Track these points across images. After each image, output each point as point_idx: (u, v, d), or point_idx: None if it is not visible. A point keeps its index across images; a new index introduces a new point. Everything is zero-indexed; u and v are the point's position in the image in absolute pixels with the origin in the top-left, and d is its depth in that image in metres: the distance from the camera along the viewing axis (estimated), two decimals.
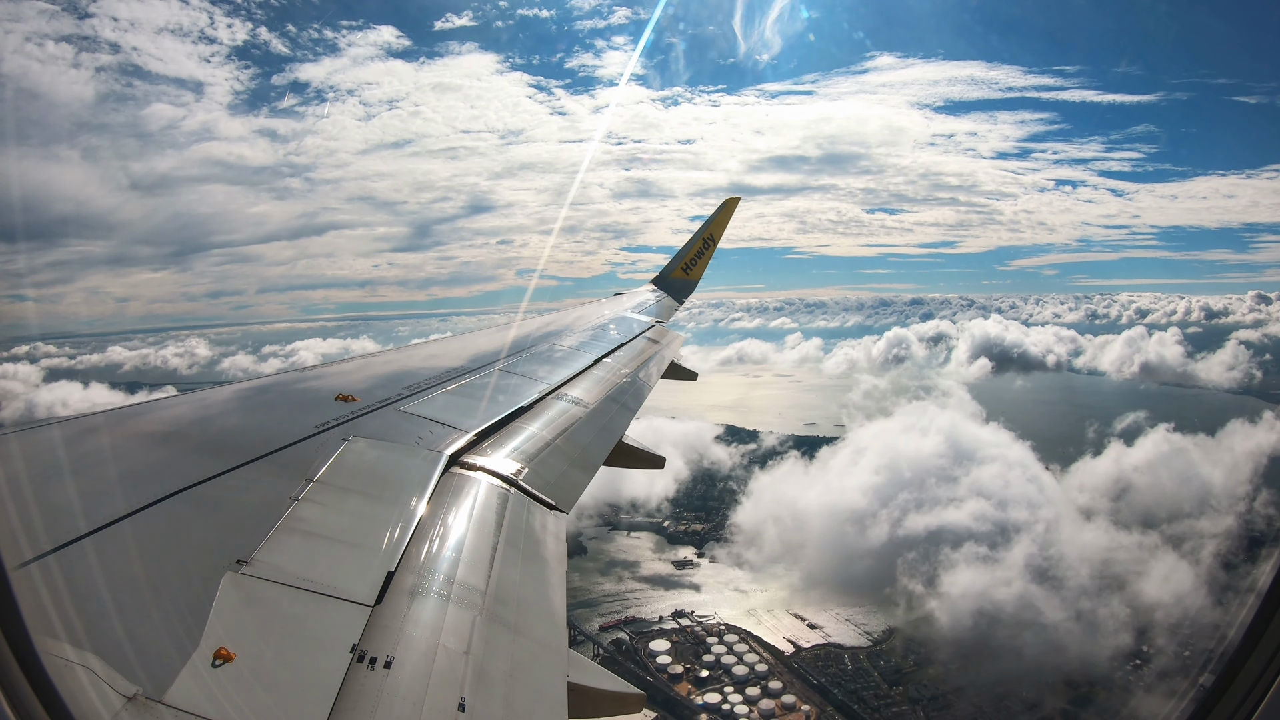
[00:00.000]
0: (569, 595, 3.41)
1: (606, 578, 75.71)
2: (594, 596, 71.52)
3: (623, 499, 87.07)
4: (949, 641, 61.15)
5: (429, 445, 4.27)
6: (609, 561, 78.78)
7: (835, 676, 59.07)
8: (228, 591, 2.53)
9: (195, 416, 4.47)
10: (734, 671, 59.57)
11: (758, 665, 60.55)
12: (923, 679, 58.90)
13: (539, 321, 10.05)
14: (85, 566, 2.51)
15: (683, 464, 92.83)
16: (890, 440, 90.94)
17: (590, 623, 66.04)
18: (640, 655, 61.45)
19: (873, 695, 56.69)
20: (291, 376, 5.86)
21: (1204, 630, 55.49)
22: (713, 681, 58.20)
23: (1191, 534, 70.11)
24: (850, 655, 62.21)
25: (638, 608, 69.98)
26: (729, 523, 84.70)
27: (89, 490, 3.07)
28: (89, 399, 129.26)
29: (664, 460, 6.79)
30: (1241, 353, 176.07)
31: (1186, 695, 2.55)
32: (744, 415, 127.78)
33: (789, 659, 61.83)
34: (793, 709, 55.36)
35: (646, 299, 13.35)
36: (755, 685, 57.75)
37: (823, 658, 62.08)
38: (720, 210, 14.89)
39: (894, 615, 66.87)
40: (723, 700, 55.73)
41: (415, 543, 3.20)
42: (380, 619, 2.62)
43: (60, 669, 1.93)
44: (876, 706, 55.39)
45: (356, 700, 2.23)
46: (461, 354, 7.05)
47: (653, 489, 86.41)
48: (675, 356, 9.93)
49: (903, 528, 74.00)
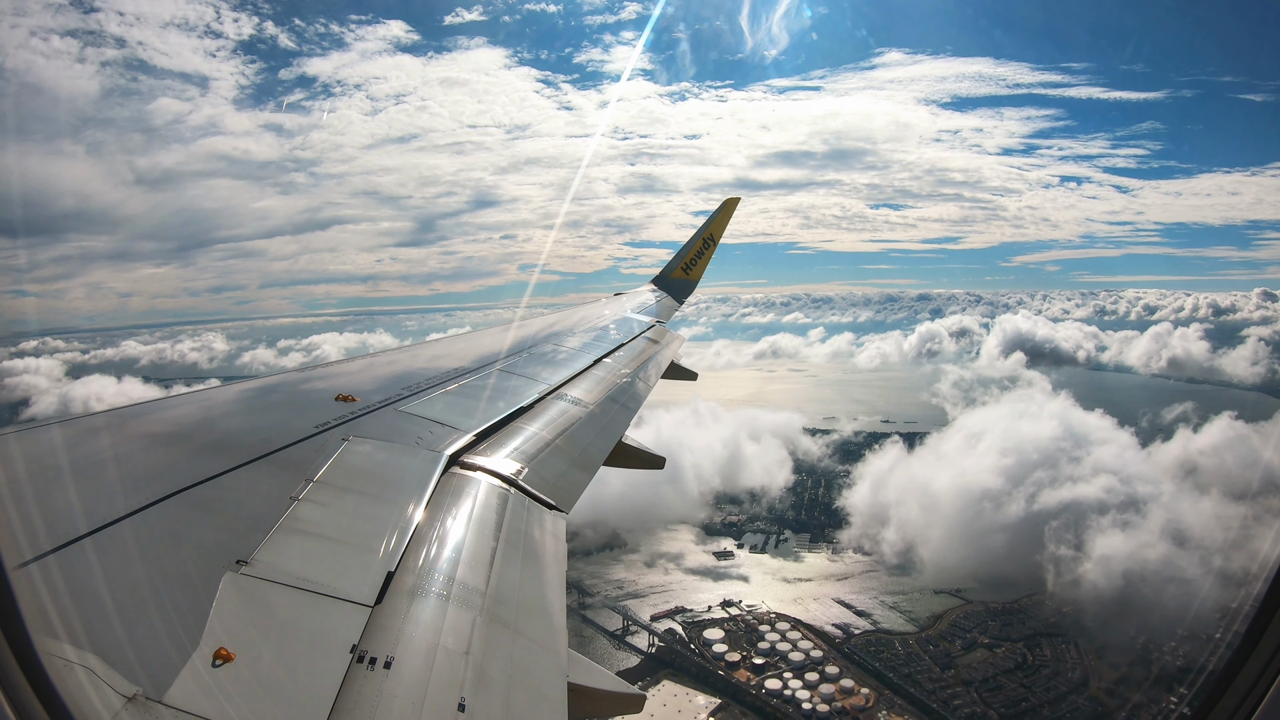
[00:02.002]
0: (612, 586, 3.46)
1: (652, 569, 77.52)
2: (641, 588, 73.16)
3: (740, 490, 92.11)
4: (1097, 601, 64.70)
5: (429, 445, 4.27)
6: (653, 553, 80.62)
7: (888, 661, 60.39)
8: (228, 591, 2.53)
9: (195, 416, 4.47)
10: (790, 658, 60.77)
11: (812, 651, 61.61)
12: (972, 661, 60.77)
13: (539, 321, 10.05)
14: (85, 566, 2.51)
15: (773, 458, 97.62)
16: (1009, 426, 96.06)
17: (641, 613, 67.52)
18: (695, 644, 62.41)
19: (926, 678, 58.25)
20: (291, 377, 5.87)
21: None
22: (770, 668, 59.39)
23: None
24: (900, 640, 63.68)
25: (686, 598, 71.39)
26: (838, 510, 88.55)
27: (89, 490, 3.08)
28: (124, 393, 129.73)
29: (664, 460, 6.78)
30: (1262, 349, 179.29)
31: (1187, 695, 2.55)
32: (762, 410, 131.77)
33: (840, 645, 63.17)
34: (852, 693, 56.54)
35: (647, 299, 13.35)
36: (813, 671, 58.93)
37: (874, 643, 63.34)
38: (720, 210, 14.88)
39: (1042, 582, 70.01)
40: (783, 686, 56.93)
41: (415, 543, 3.20)
42: (380, 619, 2.62)
43: (60, 669, 1.93)
44: (932, 689, 56.84)
45: (356, 700, 2.23)
46: (461, 354, 7.05)
47: (772, 481, 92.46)
48: (675, 356, 9.93)
49: (1037, 503, 78.35)
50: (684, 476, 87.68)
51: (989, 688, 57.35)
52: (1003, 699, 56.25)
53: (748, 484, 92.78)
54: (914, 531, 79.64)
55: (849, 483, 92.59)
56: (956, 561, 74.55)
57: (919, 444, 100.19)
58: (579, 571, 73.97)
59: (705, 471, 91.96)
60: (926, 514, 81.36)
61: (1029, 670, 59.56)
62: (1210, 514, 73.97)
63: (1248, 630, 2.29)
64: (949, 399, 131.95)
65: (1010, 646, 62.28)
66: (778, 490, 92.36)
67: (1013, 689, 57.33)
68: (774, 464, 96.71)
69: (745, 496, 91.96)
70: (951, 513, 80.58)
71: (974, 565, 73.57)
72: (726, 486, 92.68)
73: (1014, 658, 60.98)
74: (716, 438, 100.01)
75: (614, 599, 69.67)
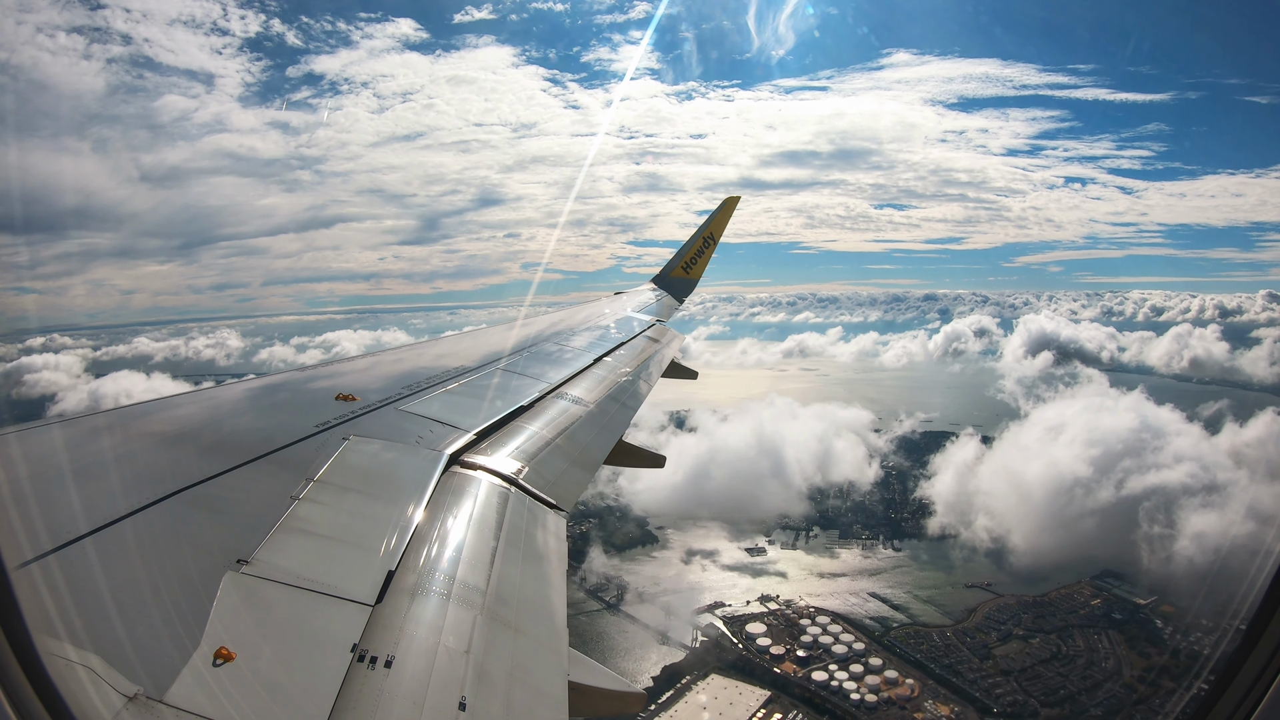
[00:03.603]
0: (650, 582, 3.46)
1: (689, 566, 79.87)
2: (680, 584, 75.12)
3: (830, 484, 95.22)
4: (1189, 576, 67.65)
5: (429, 444, 4.27)
6: (688, 550, 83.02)
7: (928, 653, 62.28)
8: (228, 591, 2.53)
9: (195, 416, 4.47)
10: (833, 650, 62.27)
11: (854, 644, 63.17)
12: (1009, 652, 62.64)
13: (540, 320, 10.04)
14: (86, 566, 2.51)
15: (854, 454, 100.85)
16: (1090, 419, 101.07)
17: (682, 609, 69.19)
18: (738, 639, 64.07)
19: (966, 668, 60.15)
20: (291, 376, 5.86)
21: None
22: (814, 661, 60.97)
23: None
24: (938, 633, 65.63)
25: (724, 593, 73.22)
26: (920, 500, 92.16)
27: (90, 489, 3.07)
28: (153, 389, 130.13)
29: (664, 459, 6.79)
30: (1278, 350, 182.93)
31: (1187, 695, 2.56)
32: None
33: (880, 638, 64.90)
34: (896, 683, 58.13)
35: (647, 298, 13.34)
36: (856, 663, 60.48)
37: (912, 636, 65.22)
38: (721, 209, 14.86)
39: (1138, 558, 73.58)
40: (829, 678, 58.49)
41: (416, 542, 3.20)
42: (381, 618, 2.62)
43: (61, 669, 1.93)
44: (973, 679, 58.75)
45: (357, 700, 2.23)
46: (461, 353, 7.04)
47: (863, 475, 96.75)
48: (676, 355, 9.93)
49: (1125, 488, 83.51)
50: (783, 471, 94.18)
51: (1027, 677, 59.12)
52: (1041, 688, 57.88)
53: (834, 478, 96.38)
54: (1006, 518, 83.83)
55: (925, 475, 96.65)
56: (1051, 545, 78.18)
57: (992, 439, 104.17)
58: (616, 569, 76.26)
59: (788, 467, 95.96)
60: (1019, 501, 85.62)
61: (1064, 660, 61.31)
62: None
63: (1248, 630, 2.29)
64: (1013, 395, 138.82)
65: (1044, 638, 64.15)
66: (867, 484, 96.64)
67: (1050, 678, 59.14)
68: (851, 459, 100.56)
69: (831, 490, 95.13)
70: (1043, 499, 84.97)
71: (1068, 548, 77.27)
72: (804, 482, 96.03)
73: (1048, 648, 62.73)
74: (785, 435, 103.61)
75: (653, 595, 71.40)
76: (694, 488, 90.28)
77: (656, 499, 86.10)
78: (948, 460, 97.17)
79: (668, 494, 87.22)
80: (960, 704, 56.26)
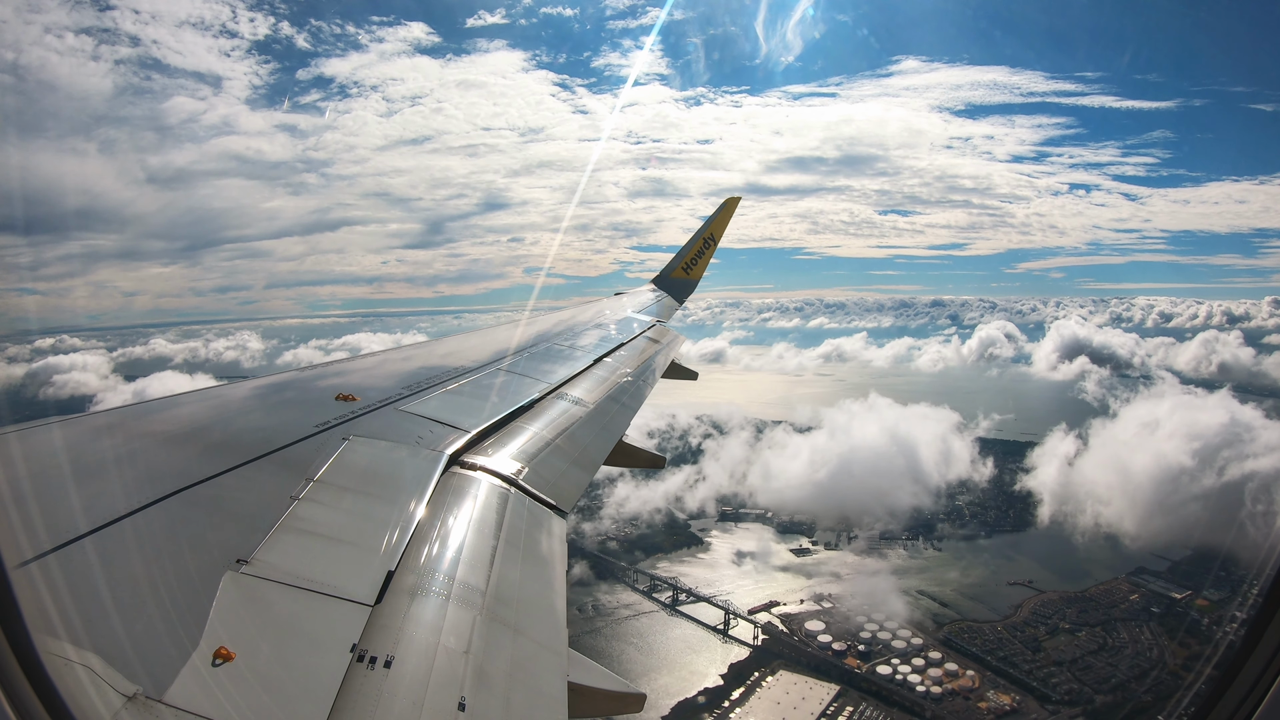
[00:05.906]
0: (702, 584, 3.44)
1: (741, 567, 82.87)
2: (731, 585, 77.25)
3: (948, 482, 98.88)
4: None
5: (429, 445, 4.27)
6: (737, 551, 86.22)
7: (983, 646, 64.74)
8: (228, 591, 2.53)
9: (195, 416, 4.46)
10: (893, 645, 64.67)
11: (911, 639, 65.52)
12: (1058, 644, 65.23)
13: (540, 321, 10.04)
14: (85, 566, 2.51)
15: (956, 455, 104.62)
16: (1187, 415, 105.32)
17: (737, 607, 71.04)
18: (797, 635, 66.60)
19: (1021, 660, 62.72)
20: (291, 376, 5.86)
21: None
22: (875, 655, 63.37)
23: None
24: (988, 628, 68.06)
25: (776, 592, 75.84)
26: (1023, 494, 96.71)
27: (89, 489, 3.07)
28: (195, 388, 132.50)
29: (664, 460, 6.78)
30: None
31: (1187, 695, 2.55)
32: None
33: (935, 633, 67.41)
34: (958, 675, 60.76)
35: (647, 299, 13.34)
36: (917, 657, 62.84)
37: (965, 631, 67.73)
38: (721, 210, 14.86)
39: (1247, 533, 75.93)
40: (893, 672, 60.99)
41: (415, 542, 3.19)
42: (380, 618, 2.62)
43: (60, 668, 1.93)
44: (1029, 670, 61.43)
45: (356, 700, 2.23)
46: (462, 354, 7.04)
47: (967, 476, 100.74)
48: (676, 356, 9.93)
49: (1226, 474, 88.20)
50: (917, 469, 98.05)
51: (1079, 667, 62.07)
52: (1094, 677, 60.88)
53: (950, 476, 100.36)
54: (1115, 506, 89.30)
55: (1023, 469, 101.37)
56: (1159, 528, 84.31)
57: (1086, 436, 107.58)
58: (667, 570, 78.98)
59: (921, 465, 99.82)
60: (1127, 491, 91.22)
61: (1111, 651, 64.23)
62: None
63: (1248, 630, 2.29)
64: (1094, 396, 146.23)
65: (1090, 631, 67.06)
66: (975, 482, 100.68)
67: (1101, 668, 62.08)
68: (962, 458, 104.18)
69: (944, 489, 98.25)
70: (1149, 487, 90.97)
71: (1176, 531, 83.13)
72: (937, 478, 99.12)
73: (1095, 640, 65.63)
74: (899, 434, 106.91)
75: (709, 595, 73.33)
76: (830, 484, 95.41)
77: (795, 496, 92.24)
78: (1047, 455, 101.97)
79: (797, 491, 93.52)
80: (1020, 693, 58.82)
